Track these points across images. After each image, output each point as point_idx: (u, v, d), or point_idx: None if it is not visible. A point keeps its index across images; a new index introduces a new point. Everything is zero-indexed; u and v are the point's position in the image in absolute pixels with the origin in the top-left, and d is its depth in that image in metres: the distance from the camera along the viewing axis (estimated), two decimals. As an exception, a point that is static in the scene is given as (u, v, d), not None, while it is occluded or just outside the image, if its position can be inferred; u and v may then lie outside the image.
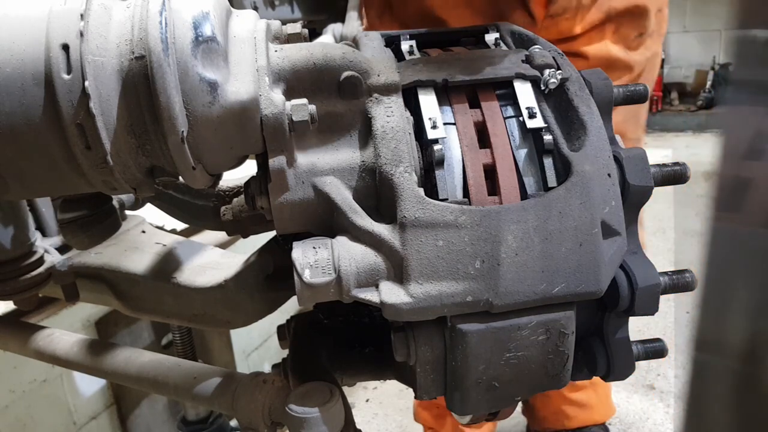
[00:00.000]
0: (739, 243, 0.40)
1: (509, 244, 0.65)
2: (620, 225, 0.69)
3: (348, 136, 0.71)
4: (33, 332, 1.06)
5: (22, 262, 0.95)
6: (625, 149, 0.74)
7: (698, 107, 6.05)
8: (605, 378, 0.76)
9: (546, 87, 0.73)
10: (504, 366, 0.69)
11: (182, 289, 0.93)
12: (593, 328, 0.76)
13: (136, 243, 1.05)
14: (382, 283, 0.66)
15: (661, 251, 3.23)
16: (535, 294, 0.66)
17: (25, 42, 0.62)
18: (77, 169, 0.66)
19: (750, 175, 0.38)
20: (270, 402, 0.80)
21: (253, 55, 0.66)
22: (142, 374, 0.93)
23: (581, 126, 0.71)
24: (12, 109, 0.62)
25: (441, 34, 0.85)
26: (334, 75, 0.69)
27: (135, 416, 1.91)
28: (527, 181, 0.70)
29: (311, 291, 0.65)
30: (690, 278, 0.75)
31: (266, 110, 0.66)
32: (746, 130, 0.39)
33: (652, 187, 0.73)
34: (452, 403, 0.73)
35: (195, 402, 0.93)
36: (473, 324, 0.67)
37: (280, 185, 0.68)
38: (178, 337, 1.48)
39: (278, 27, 0.75)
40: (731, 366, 0.40)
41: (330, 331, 0.90)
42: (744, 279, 0.40)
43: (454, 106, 0.72)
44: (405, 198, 0.65)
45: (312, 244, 0.67)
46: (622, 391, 2.20)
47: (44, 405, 1.66)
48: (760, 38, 0.37)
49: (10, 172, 0.67)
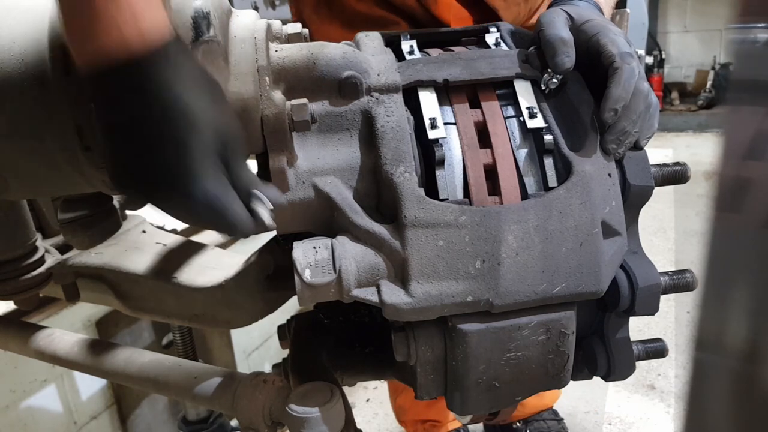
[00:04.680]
0: (740, 243, 0.40)
1: (510, 244, 0.65)
2: (621, 225, 0.69)
3: (348, 136, 0.71)
4: (33, 332, 1.06)
5: (23, 262, 0.95)
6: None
7: (699, 107, 6.05)
8: (606, 378, 0.76)
9: (546, 87, 0.73)
10: (504, 366, 0.69)
11: (183, 288, 0.93)
12: (594, 328, 0.76)
13: (137, 243, 1.05)
14: (382, 283, 0.66)
15: (662, 251, 3.23)
16: (535, 294, 0.66)
17: (25, 42, 0.62)
18: (77, 170, 0.66)
19: (750, 175, 0.38)
20: (270, 402, 0.80)
21: (254, 55, 0.66)
22: (142, 374, 0.93)
23: (582, 126, 0.71)
24: (12, 109, 0.62)
25: (441, 34, 0.85)
26: (335, 75, 0.69)
27: (135, 416, 1.91)
28: (528, 181, 0.70)
29: (312, 291, 0.65)
30: (690, 278, 0.75)
31: (267, 110, 0.66)
32: (746, 130, 0.39)
33: (653, 187, 0.73)
34: (452, 403, 0.73)
35: (195, 402, 0.93)
36: (473, 324, 0.67)
37: (280, 185, 0.68)
38: (178, 337, 1.48)
39: (279, 27, 0.75)
40: (732, 366, 0.40)
41: (330, 331, 0.90)
42: (744, 279, 0.40)
43: (455, 106, 0.72)
44: (405, 198, 0.65)
45: (312, 244, 0.67)
46: (623, 391, 2.20)
47: (45, 405, 1.66)
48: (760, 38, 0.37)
49: (11, 171, 0.67)
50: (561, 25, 0.74)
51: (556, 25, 0.73)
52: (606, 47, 0.71)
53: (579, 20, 0.75)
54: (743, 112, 0.40)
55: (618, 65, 0.69)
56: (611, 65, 0.70)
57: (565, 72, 0.72)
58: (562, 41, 0.71)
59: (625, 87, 0.69)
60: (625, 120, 0.69)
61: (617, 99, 0.68)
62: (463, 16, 1.22)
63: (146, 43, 0.53)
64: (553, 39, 0.72)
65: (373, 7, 1.24)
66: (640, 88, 0.70)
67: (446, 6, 1.21)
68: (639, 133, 0.71)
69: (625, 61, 0.69)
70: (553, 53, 0.71)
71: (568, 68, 0.71)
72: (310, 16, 1.30)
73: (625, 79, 0.69)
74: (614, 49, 0.70)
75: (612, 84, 0.69)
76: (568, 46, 0.71)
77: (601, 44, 0.71)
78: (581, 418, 2.10)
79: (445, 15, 1.21)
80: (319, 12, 1.29)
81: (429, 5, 1.20)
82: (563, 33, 0.72)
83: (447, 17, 1.21)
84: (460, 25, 1.20)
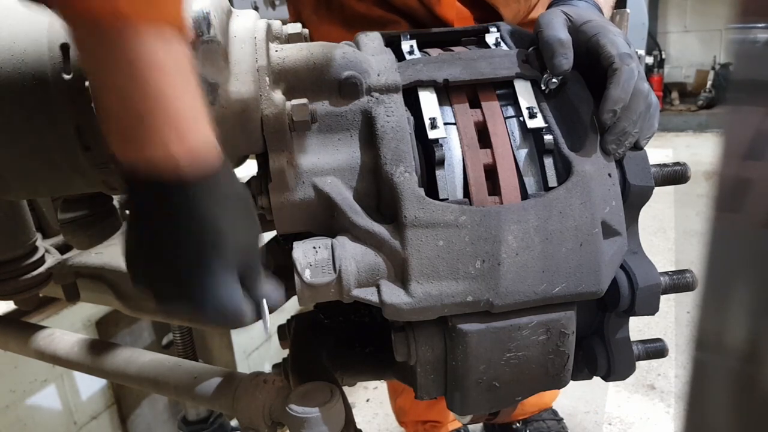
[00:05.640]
0: (740, 243, 0.40)
1: (510, 244, 0.65)
2: (621, 225, 0.69)
3: (348, 136, 0.71)
4: (33, 332, 1.06)
5: (23, 262, 0.95)
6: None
7: (699, 107, 6.05)
8: (606, 378, 0.76)
9: (546, 87, 0.73)
10: (504, 366, 0.69)
11: (183, 289, 0.92)
12: (594, 328, 0.76)
13: (137, 243, 1.05)
14: (382, 283, 0.66)
15: (662, 251, 3.22)
16: (535, 294, 0.66)
17: (25, 42, 0.62)
18: (77, 170, 0.66)
19: (750, 175, 0.38)
20: (270, 402, 0.80)
21: (254, 55, 0.66)
22: (142, 374, 0.92)
23: (582, 126, 0.71)
24: (12, 109, 0.62)
25: (441, 34, 0.85)
26: (335, 75, 0.69)
27: (135, 416, 1.91)
28: (528, 181, 0.70)
29: (312, 291, 0.65)
30: (690, 278, 0.75)
31: (267, 110, 0.66)
32: (746, 130, 0.39)
33: (653, 187, 0.73)
34: (453, 403, 0.73)
35: (195, 402, 0.93)
36: (474, 324, 0.67)
37: (280, 185, 0.68)
38: (178, 337, 1.48)
39: (279, 27, 0.75)
40: (732, 366, 0.40)
41: (330, 331, 0.90)
42: (744, 279, 0.40)
43: (455, 106, 0.72)
44: (405, 198, 0.65)
45: (312, 244, 0.67)
46: (623, 391, 2.20)
47: (45, 405, 1.66)
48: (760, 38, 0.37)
49: (11, 171, 0.67)
50: (559, 26, 0.74)
51: (554, 26, 0.73)
52: (605, 48, 0.70)
53: (578, 21, 0.75)
54: (743, 112, 0.40)
55: (617, 66, 0.69)
56: (610, 66, 0.70)
57: (563, 74, 0.72)
58: (560, 43, 0.71)
59: (624, 88, 0.69)
60: (625, 120, 0.69)
61: (616, 100, 0.68)
62: (464, 14, 1.22)
63: (195, 164, 0.51)
64: (551, 40, 0.72)
65: (372, 7, 1.24)
66: (640, 89, 0.70)
67: (448, 5, 1.21)
68: (639, 133, 0.71)
69: (624, 62, 0.69)
70: (551, 55, 0.71)
71: (565, 70, 0.71)
72: (310, 17, 1.29)
73: (624, 80, 0.69)
74: (613, 50, 0.70)
75: (611, 85, 0.69)
76: (566, 47, 0.71)
77: (600, 45, 0.71)
78: (581, 418, 2.09)
79: (447, 14, 1.21)
80: (319, 12, 1.29)
81: (432, 4, 1.20)
82: (561, 34, 0.72)
83: (450, 16, 1.21)
84: (462, 23, 1.20)
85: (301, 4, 1.31)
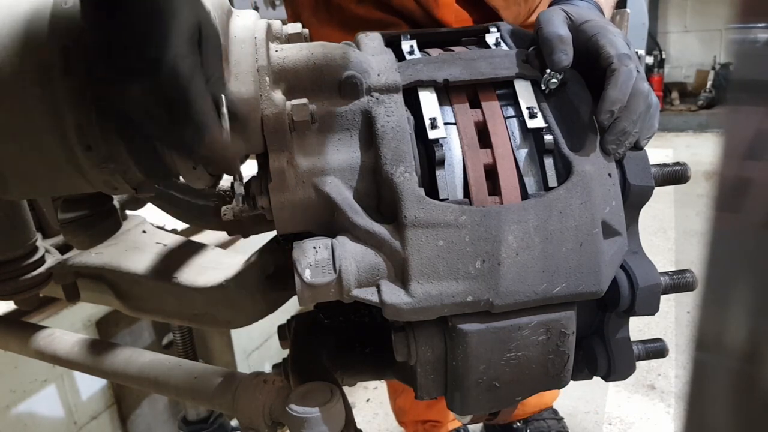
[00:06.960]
0: (740, 243, 0.40)
1: (510, 244, 0.65)
2: (621, 225, 0.69)
3: (348, 136, 0.71)
4: (34, 332, 1.06)
5: (23, 262, 0.95)
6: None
7: (699, 107, 6.05)
8: (606, 378, 0.76)
9: (546, 87, 0.73)
10: (504, 366, 0.69)
11: (183, 288, 0.93)
12: (594, 328, 0.76)
13: (137, 243, 1.05)
14: (382, 283, 0.66)
15: (662, 251, 3.23)
16: (535, 294, 0.66)
17: (25, 42, 0.62)
18: (78, 169, 0.66)
19: (750, 175, 0.38)
20: (270, 402, 0.80)
21: (254, 55, 0.66)
22: (142, 374, 0.93)
23: (582, 126, 0.71)
24: (12, 109, 0.62)
25: (441, 34, 0.85)
26: (335, 75, 0.69)
27: (136, 416, 1.91)
28: (528, 181, 0.70)
29: (312, 291, 0.65)
30: (691, 278, 0.75)
31: (267, 110, 0.66)
32: (746, 130, 0.39)
33: (653, 187, 0.73)
34: (453, 403, 0.73)
35: (196, 402, 0.93)
36: (474, 324, 0.67)
37: (280, 185, 0.68)
38: (178, 337, 1.48)
39: (279, 27, 0.75)
40: (732, 366, 0.40)
41: (331, 331, 0.90)
42: (744, 279, 0.40)
43: (455, 106, 0.72)
44: (405, 198, 0.65)
45: (312, 244, 0.67)
46: (623, 391, 2.20)
47: (45, 405, 1.66)
48: (760, 38, 0.37)
49: (11, 171, 0.67)
50: (559, 23, 0.73)
51: (554, 23, 0.73)
52: (604, 48, 0.70)
53: (578, 20, 0.75)
54: (743, 112, 0.40)
55: (615, 67, 0.69)
56: (609, 67, 0.69)
57: (563, 69, 0.71)
58: (560, 39, 0.71)
59: (622, 89, 0.68)
60: (624, 120, 0.69)
61: (614, 101, 0.68)
62: (463, 17, 1.22)
63: None
64: (551, 36, 0.72)
65: (371, 9, 1.24)
66: (640, 89, 0.70)
67: (447, 8, 1.20)
68: (639, 133, 0.71)
69: (622, 62, 0.69)
70: (551, 51, 0.71)
71: (565, 66, 0.71)
72: (309, 19, 1.29)
73: (622, 81, 0.68)
74: (612, 51, 0.70)
75: (609, 86, 0.69)
76: (566, 43, 0.71)
77: (599, 45, 0.71)
78: (581, 418, 2.10)
79: (446, 17, 1.21)
80: (318, 15, 1.29)
81: (430, 8, 1.20)
82: (561, 31, 0.72)
83: (448, 19, 1.21)
84: (460, 26, 1.20)
85: (300, 7, 1.31)
